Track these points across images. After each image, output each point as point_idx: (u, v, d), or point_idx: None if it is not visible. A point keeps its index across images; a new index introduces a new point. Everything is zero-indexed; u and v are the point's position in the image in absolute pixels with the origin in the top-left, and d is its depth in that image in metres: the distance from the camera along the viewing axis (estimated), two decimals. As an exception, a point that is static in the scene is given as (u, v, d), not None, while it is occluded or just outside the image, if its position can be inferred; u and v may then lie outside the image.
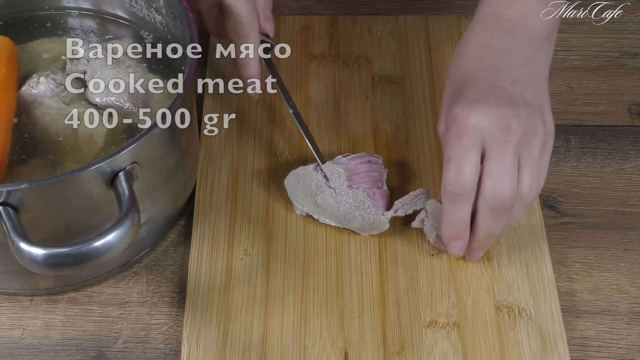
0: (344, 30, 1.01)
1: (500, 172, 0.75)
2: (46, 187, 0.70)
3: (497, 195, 0.75)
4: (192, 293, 0.80)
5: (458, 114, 0.76)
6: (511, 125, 0.74)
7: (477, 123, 0.75)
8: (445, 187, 0.76)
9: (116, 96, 0.82)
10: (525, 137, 0.75)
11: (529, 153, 0.75)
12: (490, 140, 0.75)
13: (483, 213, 0.77)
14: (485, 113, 0.75)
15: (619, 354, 0.79)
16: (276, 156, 0.90)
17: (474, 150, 0.75)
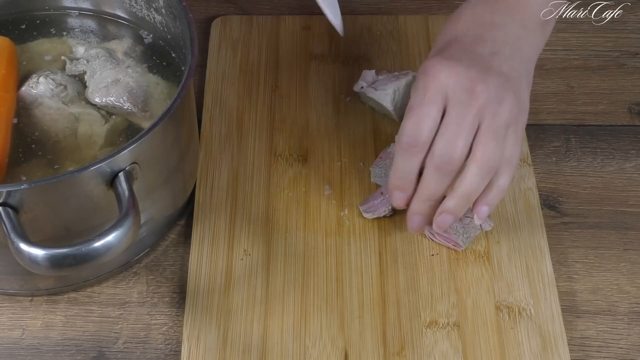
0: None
1: (453, 133, 0.74)
2: (46, 188, 0.70)
3: (445, 154, 0.74)
4: (192, 293, 0.80)
5: (429, 66, 0.76)
6: (476, 88, 0.74)
7: (443, 78, 0.75)
8: (400, 136, 0.76)
9: (116, 96, 0.82)
10: (490, 105, 0.74)
11: (491, 122, 0.75)
12: (453, 99, 0.75)
13: (429, 171, 0.76)
14: (454, 71, 0.75)
15: (619, 354, 0.79)
16: (276, 156, 0.90)
17: (435, 106, 0.75)
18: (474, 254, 0.83)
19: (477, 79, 0.75)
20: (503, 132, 0.75)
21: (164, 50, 0.87)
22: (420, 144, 0.75)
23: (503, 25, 0.80)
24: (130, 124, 0.82)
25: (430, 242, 0.84)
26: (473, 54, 0.77)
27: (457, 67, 0.75)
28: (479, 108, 0.74)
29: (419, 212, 0.79)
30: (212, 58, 0.98)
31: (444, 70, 0.75)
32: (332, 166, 0.89)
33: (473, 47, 0.78)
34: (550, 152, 0.92)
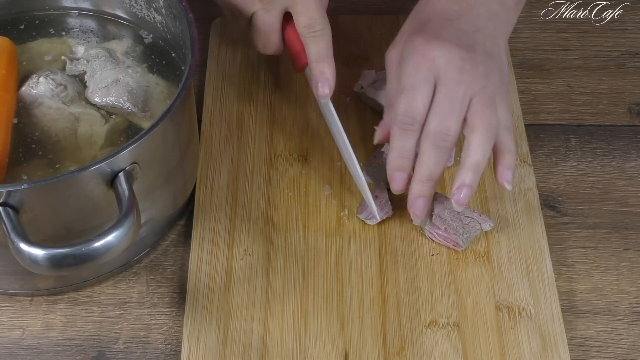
0: (344, 30, 1.01)
1: (447, 109, 0.77)
2: (46, 188, 0.70)
3: (440, 131, 0.77)
4: (192, 293, 0.80)
5: (419, 44, 0.79)
6: (466, 66, 0.78)
7: (435, 57, 0.78)
8: (396, 116, 0.78)
9: (116, 96, 0.82)
10: (479, 80, 0.78)
11: (482, 94, 0.78)
12: (445, 77, 0.77)
13: (426, 149, 0.78)
14: (446, 50, 0.78)
15: (619, 354, 0.79)
16: (276, 156, 0.90)
17: (428, 84, 0.78)
18: (474, 254, 0.83)
19: (466, 57, 0.78)
20: (493, 101, 0.78)
21: (164, 50, 0.87)
22: (416, 122, 0.78)
23: (484, 2, 0.82)
24: (130, 124, 0.82)
25: (430, 242, 0.84)
26: (459, 32, 0.80)
27: (448, 46, 0.78)
28: (469, 84, 0.77)
29: (421, 194, 0.79)
30: (212, 58, 0.98)
31: (436, 49, 0.78)
32: (332, 166, 0.89)
33: (458, 24, 0.80)
34: (550, 152, 0.92)
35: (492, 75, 0.79)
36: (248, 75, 0.97)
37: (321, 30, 0.83)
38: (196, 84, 0.96)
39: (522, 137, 0.92)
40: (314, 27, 0.83)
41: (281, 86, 0.96)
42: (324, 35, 0.83)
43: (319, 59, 0.84)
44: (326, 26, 0.83)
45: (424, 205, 0.80)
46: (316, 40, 0.83)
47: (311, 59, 0.84)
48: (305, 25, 0.83)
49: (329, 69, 0.83)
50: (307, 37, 0.84)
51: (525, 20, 1.04)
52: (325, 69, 0.83)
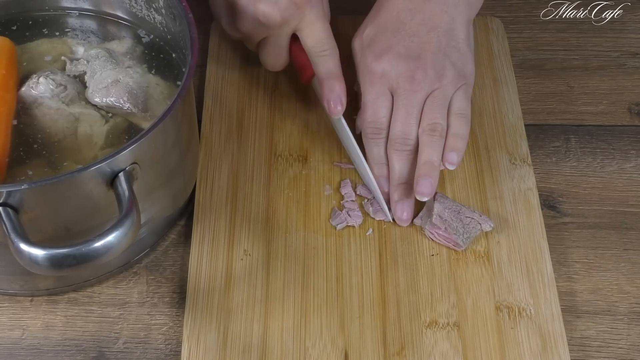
0: (344, 30, 1.00)
1: (404, 116, 0.84)
2: (46, 188, 0.69)
3: (401, 136, 0.84)
4: (192, 293, 0.80)
5: (370, 63, 0.86)
6: (416, 75, 0.84)
7: (385, 72, 0.85)
8: (364, 129, 0.86)
9: (116, 96, 0.82)
10: (431, 84, 0.84)
11: (434, 96, 0.84)
12: (398, 88, 0.84)
13: (392, 155, 0.85)
14: (393, 63, 0.85)
15: (619, 354, 0.79)
16: (276, 156, 0.90)
17: (384, 97, 0.85)
18: (474, 254, 0.83)
19: (415, 67, 0.84)
20: (447, 99, 0.84)
21: (164, 50, 0.87)
22: (382, 130, 0.85)
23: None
24: (130, 124, 0.82)
25: (430, 242, 0.84)
26: (410, 38, 0.85)
27: (396, 60, 0.84)
28: (422, 89, 0.84)
29: (399, 198, 0.85)
30: (212, 58, 0.98)
31: (383, 64, 0.85)
32: (332, 166, 0.89)
33: (411, 27, 0.85)
34: (550, 152, 0.92)
35: (446, 74, 0.84)
36: (248, 75, 0.97)
37: (329, 49, 0.86)
38: (196, 84, 0.96)
39: (522, 137, 0.92)
40: (322, 47, 0.86)
41: (281, 86, 0.96)
42: (332, 54, 0.86)
43: (329, 77, 0.86)
44: (333, 45, 0.86)
45: (407, 207, 0.85)
46: (325, 60, 0.86)
47: (321, 77, 0.86)
48: (314, 45, 0.86)
49: (339, 86, 0.86)
50: (316, 57, 0.86)
51: (525, 20, 1.04)
52: (335, 87, 0.86)
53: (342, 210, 0.85)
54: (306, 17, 0.84)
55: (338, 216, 0.85)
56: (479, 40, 0.99)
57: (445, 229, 0.82)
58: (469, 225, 0.83)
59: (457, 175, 0.89)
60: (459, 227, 0.82)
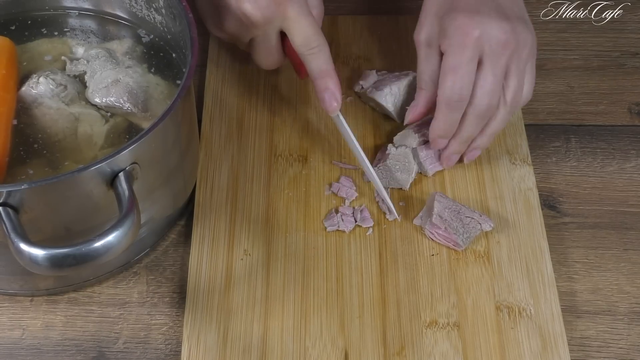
0: (344, 30, 1.01)
1: (491, 83, 0.81)
2: (46, 188, 0.69)
3: (485, 104, 0.82)
4: (192, 293, 0.80)
5: (462, 23, 0.81)
6: (508, 39, 0.81)
7: (481, 35, 0.81)
8: (444, 94, 0.82)
9: (116, 96, 0.82)
10: (517, 51, 0.82)
11: (517, 65, 0.82)
12: (489, 52, 0.81)
13: (470, 119, 0.83)
14: (488, 26, 0.81)
15: (619, 354, 0.79)
16: (276, 156, 0.90)
17: (473, 63, 0.81)
18: (474, 254, 0.83)
19: (508, 30, 0.81)
20: (524, 70, 0.83)
21: (164, 50, 0.87)
22: (463, 99, 0.82)
23: None
24: (130, 124, 0.82)
25: (430, 242, 0.84)
26: (493, 3, 0.83)
27: (489, 21, 0.81)
28: (509, 56, 0.81)
29: (457, 151, 0.87)
30: (212, 58, 0.98)
31: (478, 27, 0.81)
32: (332, 166, 0.89)
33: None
34: (550, 152, 0.92)
35: (528, 43, 0.83)
36: (248, 75, 0.97)
37: (318, 46, 0.84)
38: (196, 84, 0.96)
39: (522, 137, 0.92)
40: (310, 44, 0.84)
41: (281, 86, 0.96)
42: (321, 51, 0.84)
43: (321, 75, 0.84)
44: (322, 41, 0.84)
45: (456, 159, 0.87)
46: (315, 57, 0.84)
47: (313, 75, 0.85)
48: (302, 43, 0.84)
49: (332, 83, 0.84)
50: (305, 55, 0.84)
51: (525, 20, 1.04)
52: (329, 84, 0.84)
53: (338, 213, 0.85)
54: (289, 15, 0.83)
55: (331, 218, 0.84)
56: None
57: (445, 229, 0.82)
58: (469, 225, 0.83)
59: (457, 175, 0.89)
60: (459, 227, 0.82)
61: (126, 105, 0.82)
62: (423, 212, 0.85)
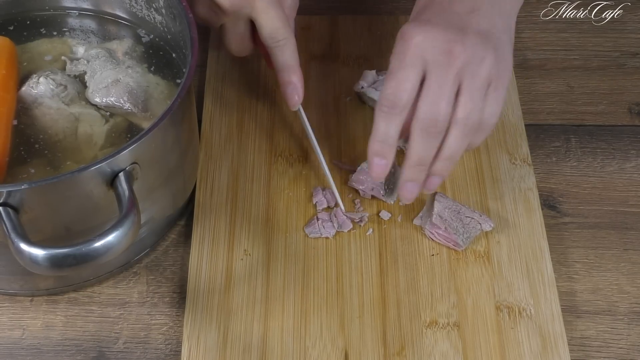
0: (344, 30, 1.01)
1: (436, 94, 0.74)
2: (46, 188, 0.69)
3: (430, 116, 0.74)
4: (192, 293, 0.80)
5: (405, 32, 0.76)
6: (454, 49, 0.74)
7: (420, 42, 0.74)
8: (380, 100, 0.76)
9: (116, 96, 0.82)
10: (469, 66, 0.74)
11: (471, 82, 0.74)
12: (432, 62, 0.74)
13: (416, 134, 0.75)
14: (430, 34, 0.75)
15: (620, 354, 0.79)
16: (276, 156, 0.90)
17: (414, 69, 0.74)
18: (474, 254, 0.83)
19: (454, 40, 0.74)
20: (483, 91, 0.75)
21: (164, 50, 0.87)
22: (400, 105, 0.75)
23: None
24: (130, 124, 0.82)
25: (430, 242, 0.84)
26: (450, 14, 0.77)
27: (433, 30, 0.75)
28: (459, 69, 0.74)
29: (410, 178, 0.77)
30: (212, 58, 0.98)
31: (420, 34, 0.75)
32: (331, 166, 0.89)
33: (451, 7, 0.77)
34: (550, 152, 0.92)
35: (486, 60, 0.75)
36: (248, 75, 0.97)
37: (284, 39, 0.84)
38: (196, 84, 0.96)
39: (522, 137, 0.92)
40: (276, 37, 0.84)
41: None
42: (287, 44, 0.84)
43: (285, 68, 0.85)
44: (289, 35, 0.84)
45: (413, 189, 0.78)
46: (281, 50, 0.84)
47: (278, 68, 0.85)
48: (268, 36, 0.84)
49: (296, 77, 0.85)
50: (271, 47, 0.84)
51: (525, 20, 1.04)
52: (292, 78, 0.85)
53: (318, 220, 0.85)
54: (257, 5, 0.82)
55: (312, 225, 0.84)
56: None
57: (445, 229, 0.82)
58: (469, 225, 0.83)
59: (457, 175, 0.89)
60: (459, 227, 0.82)
61: (126, 105, 0.82)
62: (423, 212, 0.85)
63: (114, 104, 0.82)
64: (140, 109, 0.82)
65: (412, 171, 0.77)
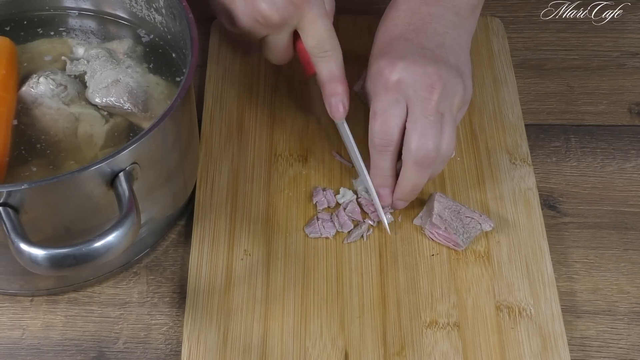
0: (344, 30, 1.00)
1: (425, 127, 0.79)
2: (46, 188, 0.69)
3: (422, 148, 0.79)
4: (193, 293, 0.80)
5: (384, 68, 0.80)
6: (435, 84, 0.79)
7: (402, 79, 0.79)
8: (372, 139, 0.81)
9: (116, 96, 0.82)
10: (446, 97, 0.79)
11: (449, 112, 0.80)
12: (414, 97, 0.79)
13: (409, 166, 0.80)
14: (411, 70, 0.79)
15: (619, 354, 0.79)
16: (276, 156, 0.90)
17: (399, 105, 0.79)
18: (474, 254, 0.83)
19: (433, 74, 0.79)
20: (456, 122, 0.82)
21: (164, 50, 0.87)
22: (392, 142, 0.80)
23: (439, 15, 0.83)
24: (131, 124, 0.82)
25: (430, 242, 0.84)
26: (422, 50, 0.81)
27: (413, 66, 0.79)
28: (438, 101, 0.79)
29: (403, 199, 0.84)
30: (212, 58, 0.98)
31: (401, 71, 0.79)
32: (332, 166, 0.89)
33: (419, 43, 0.81)
34: (550, 152, 0.92)
35: (458, 92, 0.81)
36: (248, 75, 0.97)
37: (331, 50, 0.84)
38: (196, 84, 0.96)
39: (522, 137, 0.92)
40: (323, 47, 0.83)
41: (281, 86, 0.96)
42: (334, 55, 0.84)
43: (331, 80, 0.84)
44: (336, 45, 0.84)
45: (404, 205, 0.85)
46: (327, 61, 0.84)
47: (323, 79, 0.84)
48: (315, 46, 0.84)
49: (341, 89, 0.84)
50: (317, 57, 0.84)
51: (525, 20, 1.04)
52: (338, 89, 0.84)
53: (319, 220, 0.85)
54: (306, 16, 0.82)
55: (312, 225, 0.84)
56: (479, 40, 0.99)
57: (445, 229, 0.82)
58: (469, 225, 0.83)
59: (457, 175, 0.89)
60: (459, 227, 0.82)
61: (126, 105, 0.82)
62: (423, 212, 0.85)
63: (114, 104, 0.82)
64: (140, 109, 0.82)
65: (406, 195, 0.84)
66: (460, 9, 0.85)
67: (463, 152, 0.90)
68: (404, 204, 0.85)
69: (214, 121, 0.92)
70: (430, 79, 0.79)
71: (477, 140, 0.91)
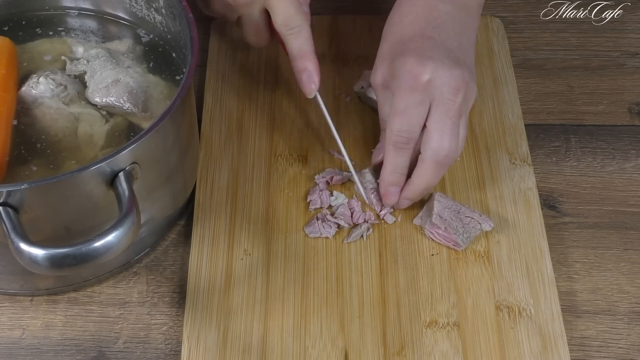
0: (344, 30, 1.01)
1: (448, 127, 0.80)
2: (46, 188, 0.70)
3: (444, 148, 0.80)
4: (192, 293, 0.80)
5: (414, 67, 0.80)
6: (460, 87, 0.80)
7: (432, 80, 0.79)
8: (391, 136, 0.81)
9: (116, 96, 0.82)
10: (466, 100, 0.81)
11: (465, 114, 0.82)
12: (440, 98, 0.80)
13: (427, 165, 0.81)
14: (440, 72, 0.79)
15: (619, 354, 0.79)
16: (276, 156, 0.90)
17: (423, 106, 0.80)
18: (474, 254, 0.83)
19: (458, 76, 0.80)
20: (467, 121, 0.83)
21: (164, 50, 0.87)
22: (411, 140, 0.81)
23: (453, 14, 0.84)
24: (130, 124, 0.82)
25: (430, 242, 0.84)
26: (445, 50, 0.81)
27: (442, 67, 0.80)
28: (461, 103, 0.80)
29: (411, 198, 0.84)
30: (212, 58, 0.98)
31: (432, 72, 0.79)
32: (332, 166, 0.89)
33: (442, 42, 0.82)
34: (550, 152, 0.92)
35: (473, 94, 0.82)
36: (248, 75, 0.97)
37: (298, 26, 0.84)
38: (196, 84, 0.96)
39: (522, 137, 0.92)
40: (290, 24, 0.84)
41: (281, 86, 0.96)
42: (301, 31, 0.84)
43: (299, 55, 0.84)
44: (303, 22, 0.84)
45: (408, 204, 0.85)
46: (295, 37, 0.84)
47: (292, 55, 0.85)
48: (282, 23, 0.84)
49: (311, 64, 0.85)
50: (285, 34, 0.84)
51: (525, 20, 1.04)
52: (307, 65, 0.84)
53: (318, 220, 0.85)
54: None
55: (312, 225, 0.84)
56: (479, 40, 0.99)
57: (445, 229, 0.82)
58: (468, 224, 0.83)
59: (457, 175, 0.89)
60: (458, 227, 0.82)
61: (126, 105, 0.82)
62: (423, 212, 0.85)
63: (114, 103, 0.82)
64: (140, 109, 0.82)
65: (416, 195, 0.84)
66: (470, 7, 0.85)
67: (463, 152, 0.90)
68: (409, 203, 0.85)
69: (214, 121, 0.92)
70: (456, 82, 0.79)
71: (477, 140, 0.91)
